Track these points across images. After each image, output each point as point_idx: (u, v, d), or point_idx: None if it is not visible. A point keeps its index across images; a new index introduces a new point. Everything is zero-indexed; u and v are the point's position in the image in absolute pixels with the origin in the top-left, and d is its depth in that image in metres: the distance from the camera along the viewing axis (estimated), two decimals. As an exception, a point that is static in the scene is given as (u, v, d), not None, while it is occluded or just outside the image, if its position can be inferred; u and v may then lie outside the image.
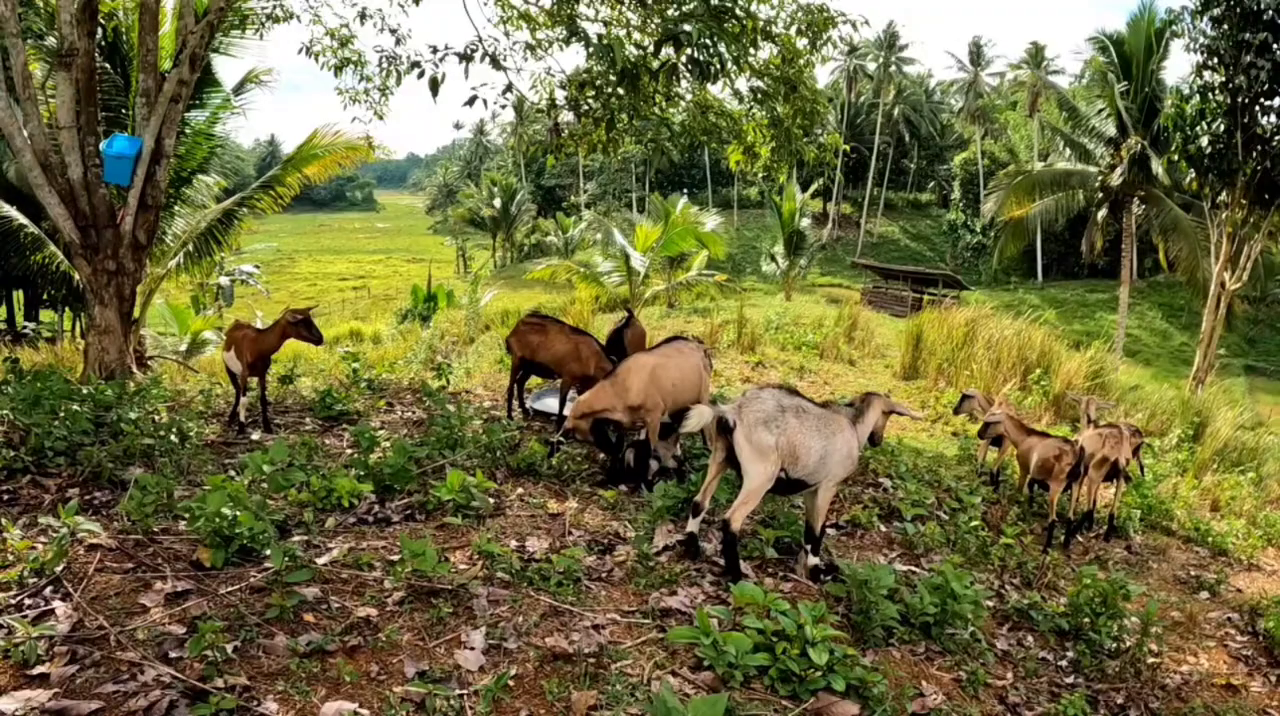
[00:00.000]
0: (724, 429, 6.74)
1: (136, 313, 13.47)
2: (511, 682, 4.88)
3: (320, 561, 6.09)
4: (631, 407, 8.71)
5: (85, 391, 9.53)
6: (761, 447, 6.62)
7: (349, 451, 9.29)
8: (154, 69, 12.24)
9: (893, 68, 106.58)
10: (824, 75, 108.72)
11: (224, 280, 47.85)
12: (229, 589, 5.63)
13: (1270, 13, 26.40)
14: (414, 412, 11.55)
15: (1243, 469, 16.67)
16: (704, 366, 9.68)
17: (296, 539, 6.51)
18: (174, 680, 4.55)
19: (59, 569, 5.59)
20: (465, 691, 4.72)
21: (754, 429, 6.65)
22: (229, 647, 4.80)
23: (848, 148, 17.76)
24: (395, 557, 6.09)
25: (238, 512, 6.01)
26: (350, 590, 5.79)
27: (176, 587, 5.59)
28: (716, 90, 14.52)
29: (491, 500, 7.83)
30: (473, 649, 5.15)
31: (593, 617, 5.74)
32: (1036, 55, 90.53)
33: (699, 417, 6.80)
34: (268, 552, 5.78)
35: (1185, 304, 66.83)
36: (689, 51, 10.89)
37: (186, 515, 6.28)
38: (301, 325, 9.91)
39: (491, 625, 5.46)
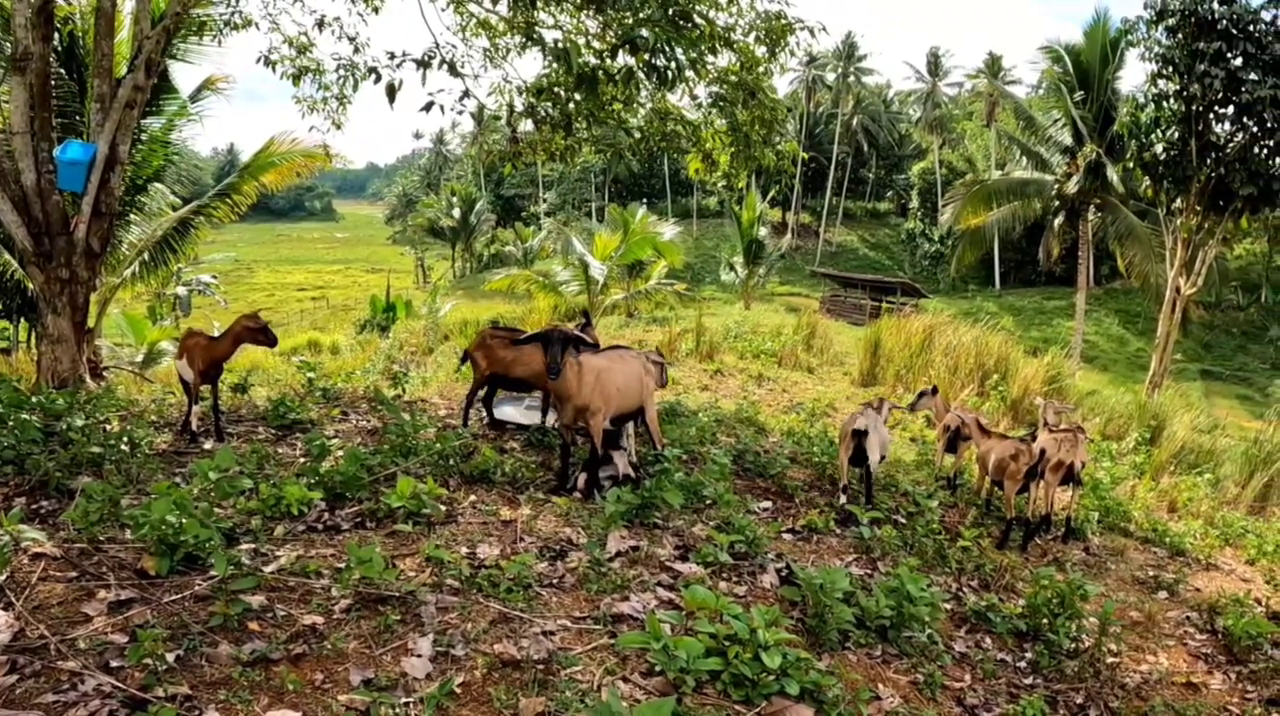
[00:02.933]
0: (858, 433, 9.96)
1: (91, 322, 13.29)
2: (459, 690, 4.80)
3: (267, 569, 5.99)
4: (578, 408, 8.69)
5: (35, 400, 9.38)
6: (882, 444, 10.21)
7: (301, 460, 9.18)
8: (109, 74, 12.08)
9: (851, 78, 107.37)
10: (783, 85, 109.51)
11: (181, 290, 47.48)
12: (173, 597, 5.52)
13: (1224, 22, 26.74)
14: (369, 421, 11.44)
15: (1199, 470, 16.81)
16: (645, 373, 9.68)
17: (244, 547, 6.39)
18: (114, 689, 4.46)
19: (1, 578, 5.48)
20: (411, 699, 4.65)
21: (876, 429, 10.08)
22: (170, 656, 4.71)
23: (806, 155, 17.80)
24: (344, 565, 6.00)
25: (183, 520, 5.90)
26: (297, 598, 5.69)
27: (120, 596, 5.48)
28: (675, 98, 14.50)
29: (443, 507, 7.72)
30: (420, 656, 5.07)
31: (543, 624, 5.66)
32: (993, 65, 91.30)
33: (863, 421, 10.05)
34: (213, 560, 5.68)
35: (1142, 310, 67.52)
36: (646, 57, 10.86)
37: (132, 523, 6.17)
38: (258, 331, 9.84)
39: (439, 632, 5.37)
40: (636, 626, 5.78)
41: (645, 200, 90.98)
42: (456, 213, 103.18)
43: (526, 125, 13.83)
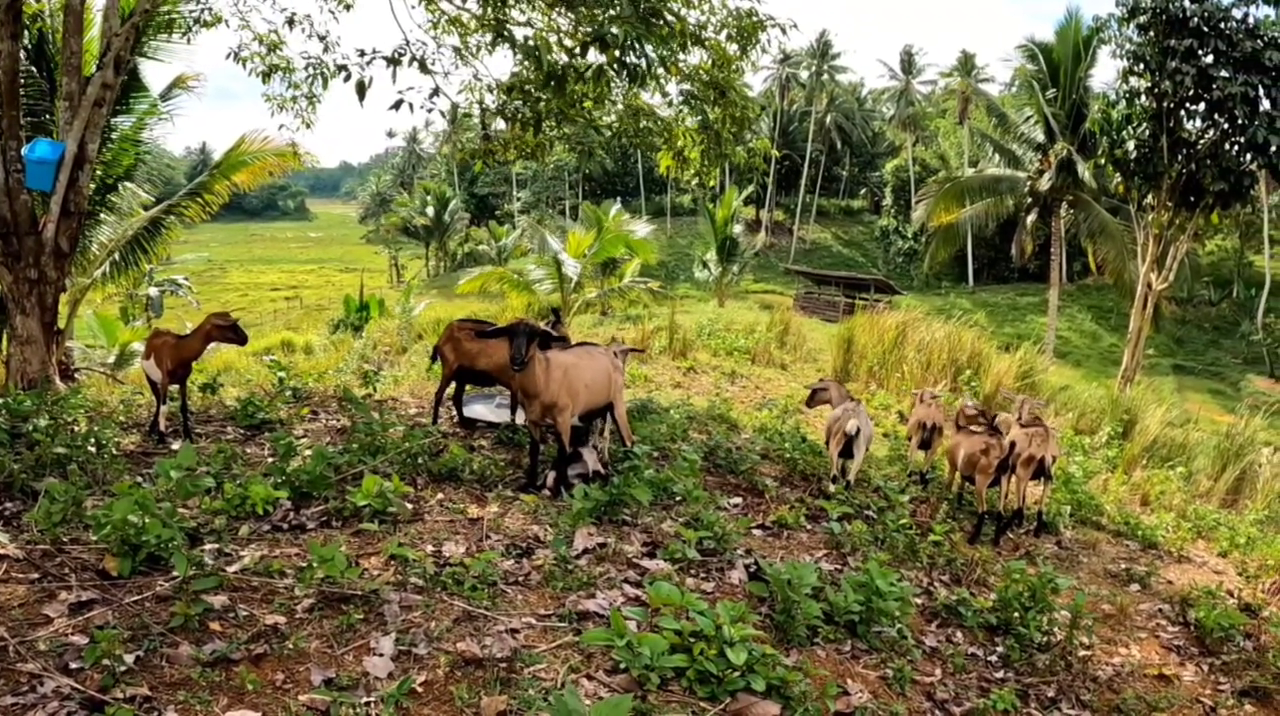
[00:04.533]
0: (850, 436, 10.48)
1: (62, 323, 13.19)
2: (420, 689, 4.78)
3: (230, 569, 5.94)
4: (545, 405, 8.68)
5: (2, 402, 9.31)
6: (870, 437, 10.96)
7: (269, 459, 9.13)
8: (78, 72, 11.97)
9: (825, 76, 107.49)
10: (757, 83, 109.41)
11: (153, 291, 47.12)
12: (135, 598, 5.48)
13: (1195, 20, 26.86)
14: (338, 421, 11.39)
15: (1172, 464, 16.90)
16: (614, 369, 9.68)
17: (208, 547, 6.35)
18: (73, 691, 4.44)
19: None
20: (371, 698, 4.61)
21: (865, 424, 10.67)
22: (130, 658, 4.69)
23: (778, 153, 17.82)
24: (307, 564, 5.96)
25: (145, 520, 5.85)
26: (259, 598, 5.66)
27: (81, 597, 5.46)
28: (647, 96, 14.49)
29: (410, 505, 7.71)
30: (381, 655, 5.04)
31: (507, 622, 5.63)
32: (967, 63, 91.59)
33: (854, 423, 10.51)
34: (175, 561, 5.63)
35: (1114, 305, 67.88)
36: (616, 54, 10.84)
37: (94, 524, 6.12)
38: (227, 329, 9.79)
39: (402, 631, 5.35)
40: (602, 623, 5.76)
41: (619, 198, 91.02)
42: (430, 211, 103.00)
43: (499, 124, 13.81)
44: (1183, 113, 28.41)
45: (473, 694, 4.77)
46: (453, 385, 11.55)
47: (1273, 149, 26.89)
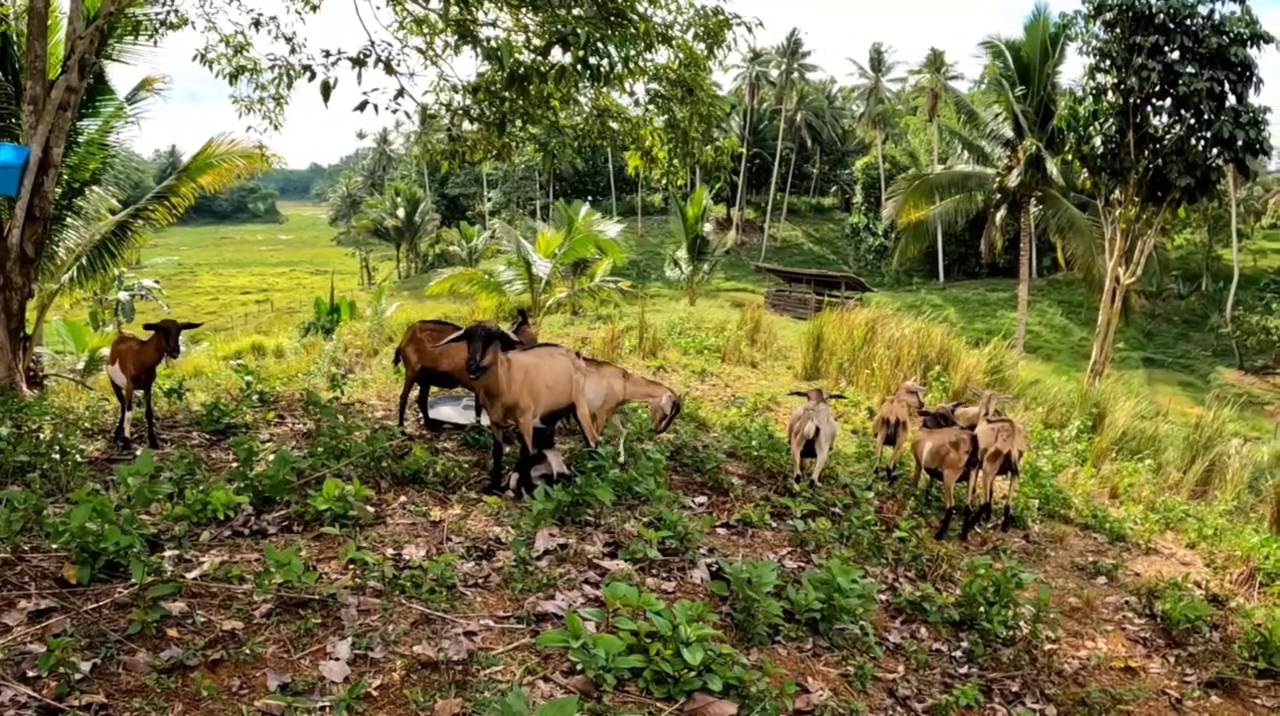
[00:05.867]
0: (810, 437, 10.79)
1: (29, 329, 13.10)
2: (376, 692, 4.77)
3: (190, 575, 5.92)
4: (506, 406, 8.67)
5: (-34, 410, 9.27)
6: (833, 435, 11.21)
7: (234, 464, 9.08)
8: (42, 75, 11.89)
9: (795, 74, 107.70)
10: (727, 82, 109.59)
11: (123, 295, 46.89)
12: (93, 605, 5.46)
13: (1161, 16, 27.08)
14: (305, 425, 11.34)
15: (1141, 456, 16.97)
16: (575, 370, 9.68)
17: (168, 553, 6.32)
18: (30, 699, 4.42)
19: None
20: (326, 702, 4.60)
21: (826, 423, 10.83)
22: (86, 665, 4.68)
23: (744, 151, 17.84)
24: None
25: (105, 527, 5.82)
26: (218, 604, 5.63)
27: (40, 605, 5.42)
28: (615, 96, 14.48)
29: (371, 508, 7.67)
30: (338, 659, 5.03)
31: (465, 624, 5.62)
32: (936, 61, 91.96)
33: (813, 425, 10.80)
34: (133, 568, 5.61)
35: (1083, 300, 68.21)
36: (580, 54, 10.84)
37: (53, 532, 6.08)
38: (161, 334, 9.59)
39: (359, 635, 5.33)
40: (561, 625, 5.73)
41: (590, 198, 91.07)
42: (401, 213, 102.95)
43: (468, 126, 13.79)
44: (1149, 108, 28.65)
45: (428, 696, 4.77)
46: (418, 387, 11.53)
47: (1239, 143, 27.13)
